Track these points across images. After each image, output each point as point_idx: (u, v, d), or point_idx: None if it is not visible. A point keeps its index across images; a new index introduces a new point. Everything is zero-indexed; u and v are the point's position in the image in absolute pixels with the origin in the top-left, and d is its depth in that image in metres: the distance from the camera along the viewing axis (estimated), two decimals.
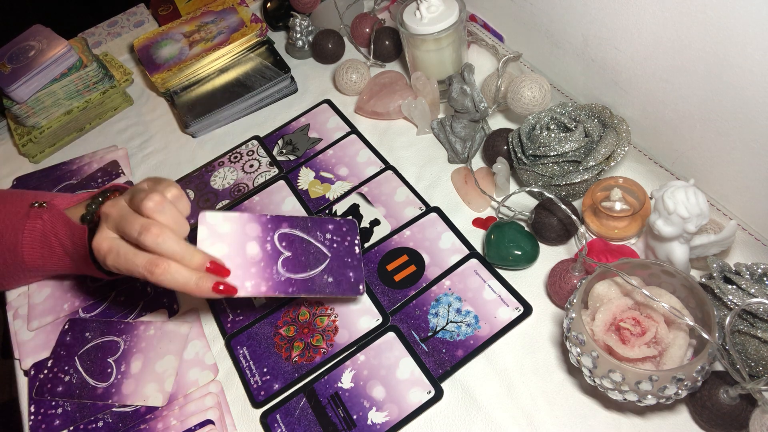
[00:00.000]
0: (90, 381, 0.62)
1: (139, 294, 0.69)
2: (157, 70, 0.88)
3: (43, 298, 0.69)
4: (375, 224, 0.69)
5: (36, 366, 0.64)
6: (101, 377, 0.62)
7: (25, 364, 0.65)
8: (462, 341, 0.58)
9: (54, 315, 0.68)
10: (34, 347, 0.66)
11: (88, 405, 0.60)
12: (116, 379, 0.61)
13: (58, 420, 0.60)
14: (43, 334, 0.67)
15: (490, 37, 0.82)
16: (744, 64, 0.49)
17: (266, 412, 0.57)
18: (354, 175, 0.75)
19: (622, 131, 0.63)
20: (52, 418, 0.60)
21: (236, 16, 0.92)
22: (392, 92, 0.80)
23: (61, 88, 0.86)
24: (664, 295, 0.49)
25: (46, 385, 0.62)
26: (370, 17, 0.89)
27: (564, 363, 0.56)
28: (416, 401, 0.55)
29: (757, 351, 0.48)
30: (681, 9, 0.52)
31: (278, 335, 0.62)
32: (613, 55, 0.63)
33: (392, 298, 0.63)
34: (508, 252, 0.61)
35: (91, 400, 0.60)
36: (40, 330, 0.68)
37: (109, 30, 1.08)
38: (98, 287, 0.69)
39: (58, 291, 0.70)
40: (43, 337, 0.67)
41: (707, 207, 0.51)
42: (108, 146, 0.88)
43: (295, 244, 0.56)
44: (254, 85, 0.85)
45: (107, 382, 0.61)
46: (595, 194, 0.62)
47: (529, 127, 0.66)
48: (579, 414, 0.53)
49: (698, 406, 0.48)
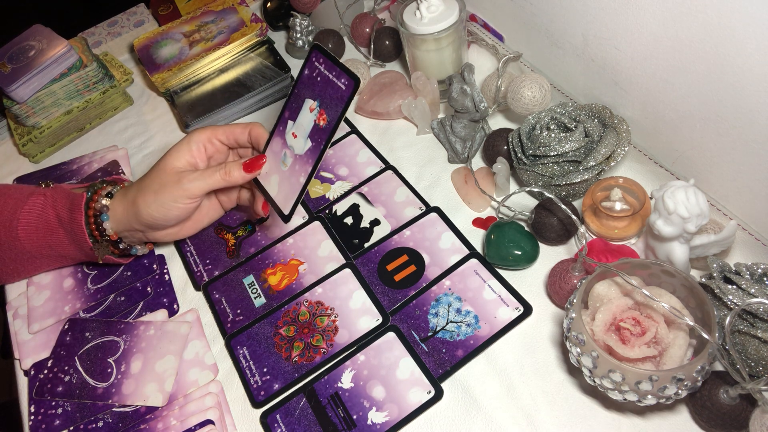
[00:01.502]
0: (90, 381, 0.61)
1: (138, 294, 0.69)
2: (157, 70, 0.88)
3: (42, 301, 0.69)
4: (375, 224, 0.69)
5: (36, 366, 0.64)
6: (101, 377, 0.62)
7: (25, 364, 0.65)
8: (462, 341, 0.58)
9: (55, 317, 0.68)
10: (35, 347, 0.66)
11: (88, 405, 0.60)
12: (116, 379, 0.61)
13: (59, 420, 0.60)
14: (43, 335, 0.67)
15: (490, 37, 0.82)
16: (744, 64, 0.49)
17: (266, 412, 0.58)
18: (354, 175, 0.75)
19: (622, 131, 0.63)
20: (52, 418, 0.60)
21: (236, 16, 0.92)
22: (392, 92, 0.80)
23: (61, 88, 0.86)
24: (664, 295, 0.49)
25: (46, 385, 0.62)
26: (370, 17, 0.89)
27: (564, 363, 0.56)
28: (416, 401, 0.55)
29: (757, 351, 0.48)
30: (681, 9, 0.52)
31: (278, 335, 0.62)
32: (613, 55, 0.63)
33: (392, 298, 0.63)
34: (508, 252, 0.61)
35: (91, 400, 0.60)
36: (40, 331, 0.68)
37: (109, 30, 1.08)
38: (98, 289, 0.69)
39: (58, 294, 0.70)
40: (44, 337, 0.67)
41: (707, 207, 0.51)
42: (108, 146, 0.88)
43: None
44: (254, 85, 0.85)
45: (107, 382, 0.61)
46: (595, 194, 0.62)
47: (529, 127, 0.66)
48: (579, 414, 0.53)
49: (698, 406, 0.48)
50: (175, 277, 0.70)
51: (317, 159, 0.55)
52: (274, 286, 0.66)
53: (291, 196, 0.57)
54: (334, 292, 0.64)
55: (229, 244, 0.72)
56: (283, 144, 0.59)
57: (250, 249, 0.71)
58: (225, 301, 0.66)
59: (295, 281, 0.66)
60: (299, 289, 0.65)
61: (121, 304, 0.68)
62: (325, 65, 0.55)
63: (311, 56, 0.57)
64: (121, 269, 0.71)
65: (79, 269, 0.72)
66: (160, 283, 0.70)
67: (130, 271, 0.70)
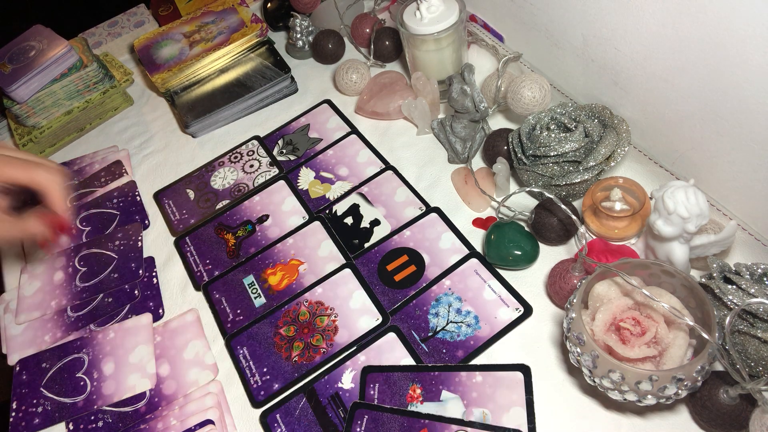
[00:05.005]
0: (66, 401, 0.61)
1: (126, 297, 0.69)
2: (158, 70, 0.88)
3: (32, 292, 0.70)
4: (375, 224, 0.69)
5: (21, 362, 0.65)
6: (76, 392, 0.61)
7: (11, 359, 0.65)
8: (462, 341, 0.58)
9: (41, 311, 0.68)
10: (22, 343, 0.67)
11: (71, 406, 0.61)
12: (93, 387, 0.61)
13: (38, 419, 0.60)
14: (30, 331, 0.67)
15: (490, 38, 0.82)
16: (744, 64, 0.49)
17: (266, 412, 0.58)
18: (354, 175, 0.75)
19: (622, 131, 0.63)
20: (32, 416, 0.61)
21: (236, 17, 0.92)
22: (392, 92, 0.80)
23: (61, 88, 0.86)
24: (664, 295, 0.49)
25: (20, 424, 0.61)
26: (371, 17, 0.89)
27: (564, 363, 0.56)
28: None
29: (757, 351, 0.48)
30: (681, 9, 0.52)
31: (278, 335, 0.62)
32: (612, 55, 0.63)
33: (392, 298, 0.63)
34: (508, 252, 0.61)
35: (76, 414, 0.60)
36: (27, 326, 0.68)
37: (110, 30, 1.08)
38: (86, 287, 0.70)
39: (48, 287, 0.70)
40: (31, 333, 0.67)
41: (707, 207, 0.51)
42: (108, 146, 0.88)
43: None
44: (254, 85, 0.85)
45: (84, 394, 0.61)
46: (595, 194, 0.62)
47: (529, 128, 0.66)
48: (579, 414, 0.53)
49: (698, 406, 0.48)
50: (175, 277, 0.70)
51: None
52: (274, 286, 0.66)
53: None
54: (334, 292, 0.64)
55: (229, 244, 0.72)
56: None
57: (250, 249, 0.71)
58: (225, 301, 0.66)
59: (295, 281, 0.66)
60: (299, 289, 0.65)
61: (109, 306, 0.68)
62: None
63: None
64: (108, 270, 0.71)
65: (71, 263, 0.72)
66: (148, 286, 0.70)
67: (117, 273, 0.71)
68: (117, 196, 0.79)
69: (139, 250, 0.73)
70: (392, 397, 0.55)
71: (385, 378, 0.57)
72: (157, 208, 0.78)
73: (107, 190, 0.81)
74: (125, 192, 0.80)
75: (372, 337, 0.60)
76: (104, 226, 0.76)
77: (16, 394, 0.63)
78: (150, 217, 0.77)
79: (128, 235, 0.74)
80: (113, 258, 0.72)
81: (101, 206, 0.79)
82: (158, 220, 0.77)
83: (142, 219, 0.77)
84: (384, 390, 0.56)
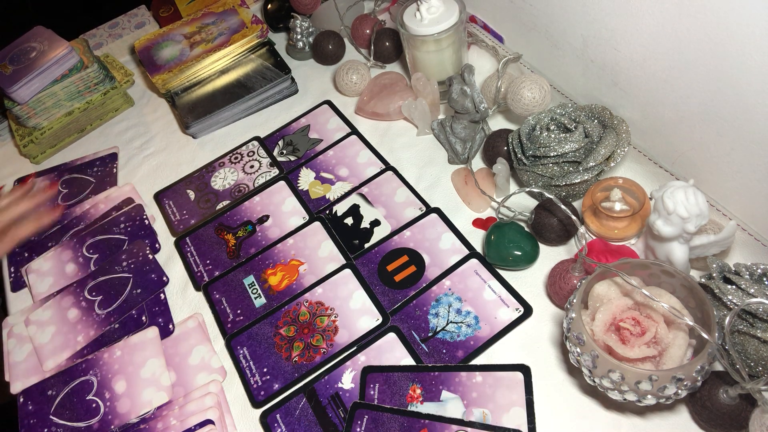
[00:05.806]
0: (80, 425, 0.60)
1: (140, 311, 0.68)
2: (158, 71, 0.88)
3: (49, 337, 0.67)
4: (375, 225, 0.69)
5: (24, 393, 0.63)
6: (89, 415, 0.60)
7: (14, 388, 0.64)
8: (462, 342, 0.58)
9: (70, 349, 0.66)
10: (25, 370, 0.65)
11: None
12: (106, 408, 0.60)
13: None
14: (33, 359, 0.66)
15: (490, 38, 0.82)
16: (744, 65, 0.49)
17: (266, 412, 0.58)
18: (354, 175, 0.75)
19: (622, 132, 0.63)
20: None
21: (237, 18, 0.92)
22: (392, 93, 0.80)
23: (62, 89, 0.86)
24: (664, 295, 0.49)
25: None
26: (371, 18, 0.89)
27: (564, 363, 0.56)
28: None
29: (756, 351, 0.48)
30: (681, 9, 0.52)
31: (278, 335, 0.62)
32: (612, 56, 0.64)
33: (392, 298, 0.63)
34: (508, 252, 0.61)
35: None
36: (30, 353, 0.66)
37: (110, 31, 1.08)
38: (109, 313, 0.67)
39: (65, 327, 0.67)
40: (33, 360, 0.65)
41: (707, 207, 0.51)
42: (109, 147, 0.88)
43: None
44: (255, 86, 0.86)
45: (98, 416, 0.60)
46: (595, 195, 0.62)
47: (529, 128, 0.66)
48: (579, 414, 0.53)
49: (698, 406, 0.48)
50: (175, 277, 0.70)
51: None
52: (274, 287, 0.66)
53: None
54: (335, 292, 0.64)
55: (230, 245, 0.72)
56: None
57: (250, 249, 0.71)
58: (225, 302, 0.66)
59: (295, 281, 0.66)
60: (299, 290, 0.65)
61: (135, 320, 0.67)
62: None
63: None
64: (129, 288, 0.69)
65: (82, 298, 0.69)
66: (155, 302, 0.68)
67: (139, 288, 0.69)
68: (124, 221, 0.77)
69: (152, 261, 0.71)
70: (392, 397, 0.55)
71: (385, 378, 0.57)
72: (158, 208, 0.78)
73: (113, 216, 0.78)
74: (132, 216, 0.77)
75: (372, 338, 0.60)
76: (112, 252, 0.74)
77: (24, 426, 0.61)
78: (160, 242, 0.75)
79: (134, 253, 0.72)
80: (128, 277, 0.70)
81: (108, 232, 0.76)
82: (159, 221, 0.77)
83: (152, 243, 0.74)
84: (384, 390, 0.56)
